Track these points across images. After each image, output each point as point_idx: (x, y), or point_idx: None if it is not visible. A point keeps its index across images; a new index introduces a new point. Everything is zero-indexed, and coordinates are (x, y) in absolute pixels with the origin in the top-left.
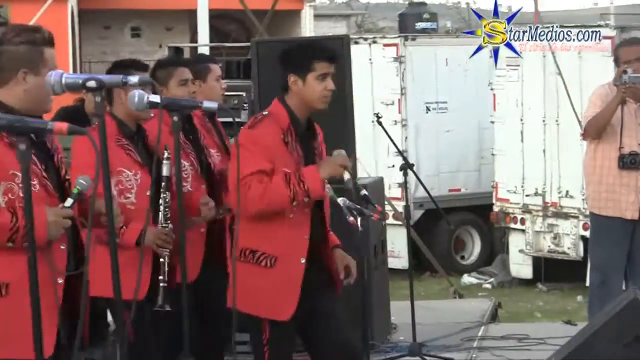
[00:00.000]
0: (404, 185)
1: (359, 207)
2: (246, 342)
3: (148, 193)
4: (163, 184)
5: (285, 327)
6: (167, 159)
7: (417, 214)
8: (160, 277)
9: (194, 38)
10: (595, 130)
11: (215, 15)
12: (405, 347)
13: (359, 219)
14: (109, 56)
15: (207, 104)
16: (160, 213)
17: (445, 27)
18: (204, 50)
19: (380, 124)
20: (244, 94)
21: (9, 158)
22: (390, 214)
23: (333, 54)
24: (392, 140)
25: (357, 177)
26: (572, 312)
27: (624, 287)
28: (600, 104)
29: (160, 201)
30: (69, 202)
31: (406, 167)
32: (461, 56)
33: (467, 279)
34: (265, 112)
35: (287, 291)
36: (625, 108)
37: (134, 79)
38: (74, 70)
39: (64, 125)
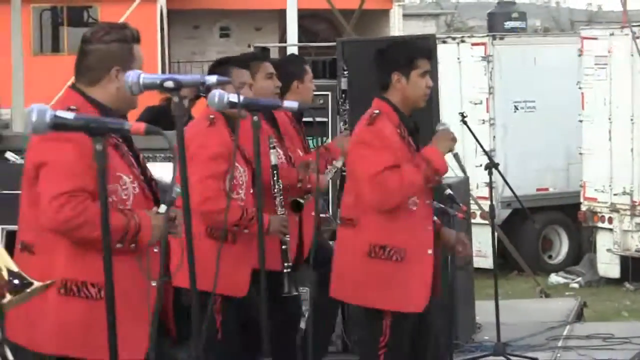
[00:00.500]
0: (490, 185)
1: (443, 206)
2: None
3: (251, 191)
4: (275, 172)
5: (406, 329)
6: (274, 147)
7: (504, 213)
8: (286, 264)
9: (283, 38)
10: None
11: (305, 15)
12: (490, 347)
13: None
14: (198, 56)
15: (287, 104)
16: (277, 200)
17: (534, 26)
18: (293, 50)
19: (465, 123)
20: (329, 93)
21: (115, 160)
22: (478, 213)
23: (431, 51)
24: (477, 140)
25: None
26: None
27: None
28: None
29: (276, 189)
30: (163, 208)
31: (491, 166)
32: (550, 55)
33: (554, 278)
34: (376, 111)
35: (418, 284)
36: None
37: (212, 78)
38: (163, 71)
39: (141, 126)
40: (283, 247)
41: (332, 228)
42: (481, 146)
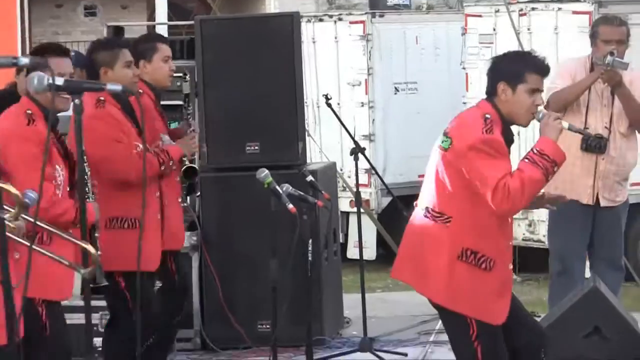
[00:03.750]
0: (370, 171)
1: (302, 193)
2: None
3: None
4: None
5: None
6: None
7: (385, 202)
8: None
9: (151, 16)
10: (561, 104)
11: None
12: (357, 342)
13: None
14: (61, 37)
15: (110, 86)
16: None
17: (419, 2)
18: (162, 29)
19: (329, 105)
20: (187, 74)
21: None
22: (348, 201)
23: (548, 69)
24: (341, 123)
25: (308, 162)
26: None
27: (586, 275)
28: (569, 78)
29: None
30: None
31: (357, 151)
32: (432, 34)
33: None
34: (487, 115)
35: (501, 296)
36: (592, 87)
37: (25, 59)
38: (23, 52)
39: None
40: None
41: (192, 218)
42: (346, 129)
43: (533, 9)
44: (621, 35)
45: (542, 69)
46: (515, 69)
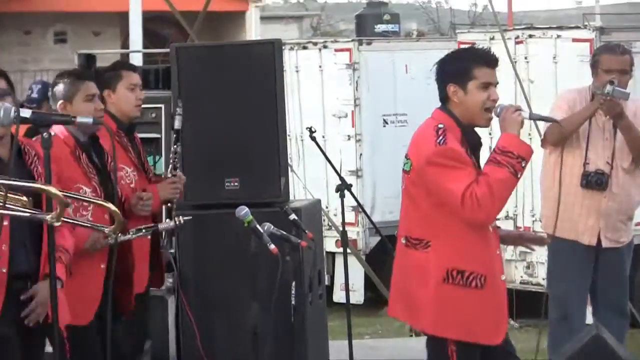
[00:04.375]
0: (357, 209)
1: (284, 233)
2: None
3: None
4: None
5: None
6: None
7: (373, 241)
8: None
9: (125, 44)
10: (558, 137)
11: (150, 18)
12: None
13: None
14: (30, 64)
15: (80, 119)
16: None
17: (409, 29)
18: (137, 57)
19: (313, 139)
20: (162, 106)
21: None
22: (334, 240)
23: (494, 59)
24: (326, 157)
25: (291, 199)
26: None
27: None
28: (567, 109)
29: None
30: None
31: (342, 188)
32: (423, 62)
33: None
34: (440, 125)
35: (498, 312)
36: (592, 119)
37: None
38: None
39: None
40: None
41: (167, 259)
42: (331, 164)
43: (530, 36)
44: (624, 64)
45: (488, 60)
46: (460, 66)
